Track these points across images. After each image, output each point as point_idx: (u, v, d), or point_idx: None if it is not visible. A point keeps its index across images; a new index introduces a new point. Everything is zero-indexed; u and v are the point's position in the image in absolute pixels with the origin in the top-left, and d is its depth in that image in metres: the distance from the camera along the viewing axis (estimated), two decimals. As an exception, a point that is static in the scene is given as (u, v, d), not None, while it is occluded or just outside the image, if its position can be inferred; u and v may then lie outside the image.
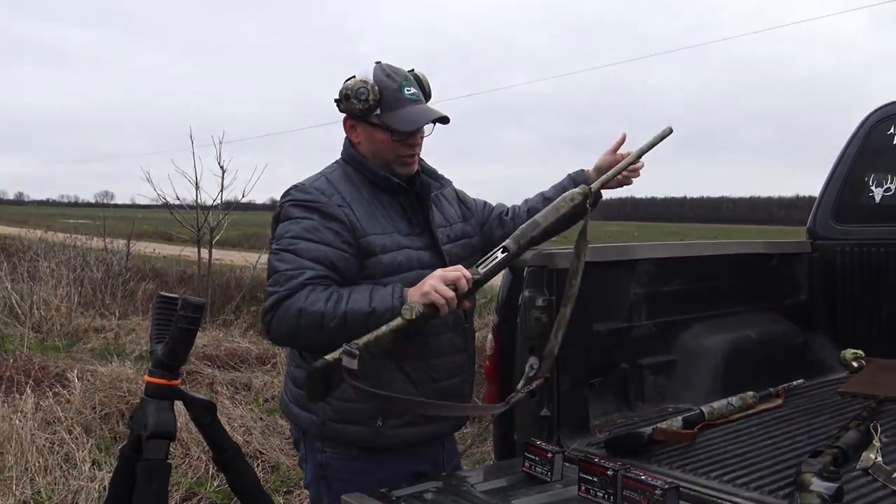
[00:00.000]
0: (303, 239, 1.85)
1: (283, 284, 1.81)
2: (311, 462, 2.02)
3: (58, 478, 3.71)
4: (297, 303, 1.79)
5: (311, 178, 1.99)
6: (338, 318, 1.78)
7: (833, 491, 1.61)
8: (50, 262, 9.57)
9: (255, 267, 10.16)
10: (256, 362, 6.32)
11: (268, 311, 1.82)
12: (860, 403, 2.49)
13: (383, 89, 1.92)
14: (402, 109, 1.93)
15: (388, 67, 1.97)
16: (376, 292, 1.82)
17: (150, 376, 1.67)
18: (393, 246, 1.93)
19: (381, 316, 1.78)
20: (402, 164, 2.00)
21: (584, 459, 1.74)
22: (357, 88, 1.92)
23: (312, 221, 1.87)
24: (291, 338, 1.86)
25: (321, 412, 1.93)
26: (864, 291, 3.17)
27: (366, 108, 1.92)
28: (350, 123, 2.00)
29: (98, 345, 6.94)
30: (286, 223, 1.90)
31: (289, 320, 1.79)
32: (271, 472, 4.04)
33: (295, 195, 1.93)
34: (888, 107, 3.26)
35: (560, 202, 1.98)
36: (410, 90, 1.96)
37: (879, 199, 3.21)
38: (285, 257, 1.84)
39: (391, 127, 1.93)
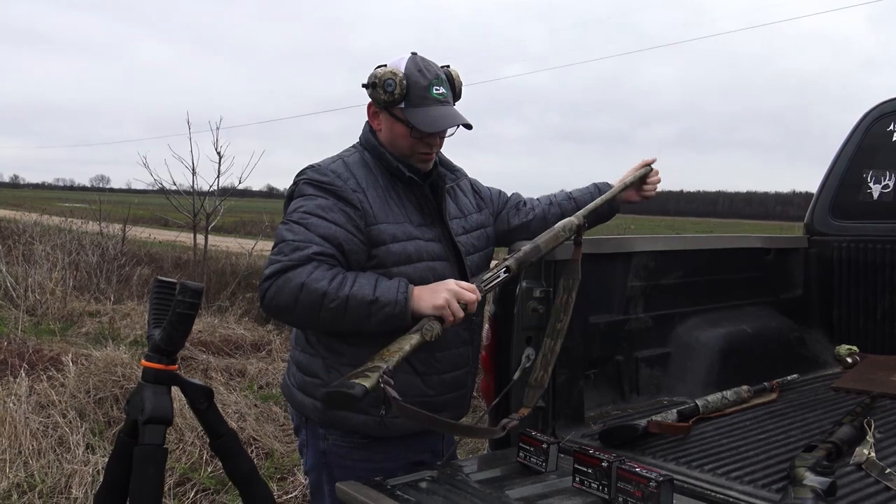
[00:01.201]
0: (314, 215, 1.84)
1: (288, 254, 1.78)
2: (312, 449, 2.01)
3: (51, 461, 3.70)
4: (299, 276, 1.75)
5: (329, 160, 1.97)
6: (339, 301, 1.75)
7: (826, 486, 1.62)
8: (45, 245, 9.54)
9: (251, 254, 10.15)
10: (251, 349, 6.33)
11: (267, 278, 1.78)
12: (854, 399, 2.51)
13: (412, 84, 1.88)
14: (427, 108, 1.89)
15: (423, 62, 1.92)
16: (381, 282, 1.80)
17: (147, 361, 1.67)
18: (403, 236, 1.92)
19: (382, 307, 1.76)
20: (419, 160, 1.98)
21: (579, 451, 1.74)
22: (385, 79, 1.88)
23: (326, 201, 1.86)
24: (285, 311, 1.79)
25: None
26: (859, 287, 3.18)
27: (390, 101, 1.89)
28: (373, 110, 1.98)
29: (93, 329, 6.94)
30: (300, 199, 1.89)
31: (287, 292, 1.75)
32: (265, 459, 4.05)
33: (311, 175, 1.91)
34: (887, 104, 3.26)
35: (560, 231, 2.04)
36: (439, 90, 1.91)
37: (877, 196, 3.22)
38: (294, 228, 1.82)
39: (412, 124, 1.90)
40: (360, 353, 1.87)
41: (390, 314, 1.78)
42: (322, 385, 1.91)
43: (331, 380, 1.89)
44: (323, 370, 1.93)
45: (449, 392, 2.01)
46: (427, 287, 1.83)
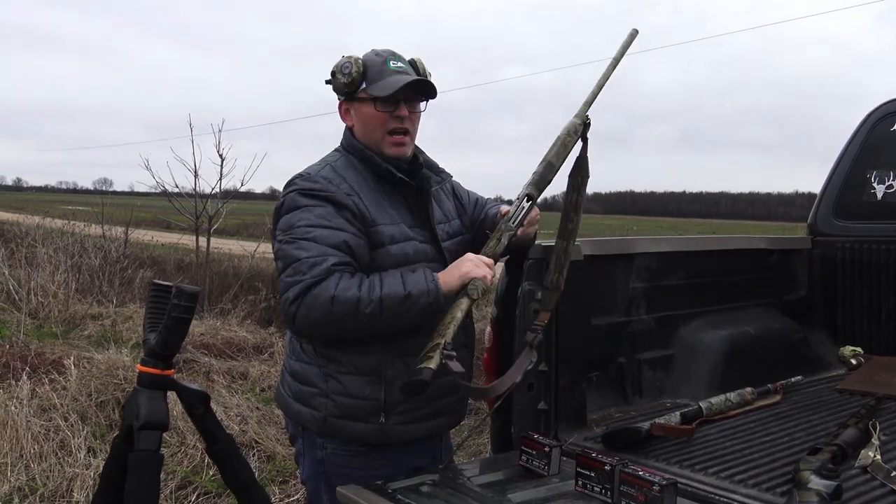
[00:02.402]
0: (318, 227, 1.81)
1: (307, 272, 1.75)
2: (309, 458, 1.98)
3: (53, 465, 3.70)
4: (327, 290, 1.74)
5: (316, 168, 1.95)
6: (374, 304, 1.74)
7: (832, 489, 1.60)
8: (48, 248, 9.54)
9: (254, 256, 10.14)
10: (253, 351, 6.32)
11: (293, 300, 1.75)
12: (859, 401, 2.49)
13: (368, 64, 1.92)
14: (385, 79, 1.90)
15: (380, 49, 1.97)
16: (407, 276, 1.80)
17: (142, 366, 1.65)
18: (401, 237, 1.91)
19: (416, 300, 1.77)
20: (391, 144, 1.94)
21: (582, 454, 1.73)
22: (341, 64, 1.92)
23: (325, 209, 1.83)
24: (321, 326, 1.77)
25: (323, 408, 1.89)
26: (864, 288, 3.16)
27: (350, 83, 1.91)
28: (344, 108, 1.99)
29: (95, 332, 6.93)
30: (296, 212, 1.84)
31: (319, 308, 1.73)
32: (267, 462, 4.04)
33: (301, 184, 1.88)
34: (890, 103, 3.25)
35: (567, 136, 1.95)
36: (397, 64, 1.93)
37: (881, 196, 3.20)
38: (304, 245, 1.79)
39: (375, 95, 1.90)
40: (357, 359, 1.87)
41: (426, 304, 1.79)
42: (319, 394, 1.89)
43: (329, 389, 1.88)
44: (320, 379, 1.91)
45: (447, 396, 1.99)
46: (447, 270, 1.84)
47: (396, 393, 1.85)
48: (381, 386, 1.87)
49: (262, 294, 8.50)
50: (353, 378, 1.87)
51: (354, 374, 1.87)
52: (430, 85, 1.95)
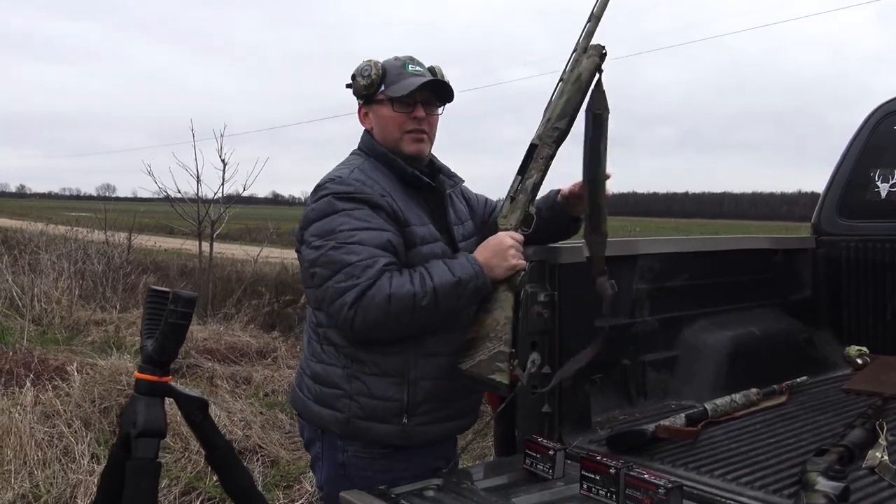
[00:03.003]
0: (362, 229, 1.80)
1: (361, 275, 1.74)
2: (329, 462, 1.95)
3: (57, 471, 3.69)
4: (382, 290, 1.73)
5: (344, 171, 1.92)
6: (429, 295, 1.75)
7: (839, 490, 1.59)
8: (51, 254, 9.56)
9: (256, 260, 10.14)
10: (257, 356, 6.31)
11: (350, 305, 1.74)
12: (865, 401, 2.47)
13: (387, 67, 1.94)
14: (402, 81, 1.92)
15: (400, 55, 1.98)
16: (451, 264, 1.82)
17: (140, 372, 1.64)
18: (430, 238, 1.92)
19: (466, 284, 1.79)
20: (409, 141, 1.95)
21: (586, 457, 1.72)
22: (361, 68, 1.94)
23: (363, 211, 1.82)
24: (379, 327, 1.77)
25: (346, 409, 1.87)
26: (869, 287, 3.14)
27: (369, 85, 1.92)
28: (363, 111, 2.00)
29: (98, 338, 6.94)
30: (334, 217, 1.82)
31: (376, 309, 1.73)
32: (271, 467, 4.03)
33: (335, 188, 1.85)
34: (893, 102, 3.24)
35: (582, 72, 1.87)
36: (415, 67, 1.95)
37: (885, 195, 3.19)
38: (353, 249, 1.77)
39: (393, 95, 1.92)
40: (381, 360, 1.87)
41: (475, 288, 1.81)
42: (343, 395, 1.87)
43: (352, 390, 1.86)
44: (343, 380, 1.88)
45: (466, 397, 1.99)
46: (486, 250, 1.86)
47: (420, 394, 1.87)
48: (405, 387, 1.87)
49: (266, 299, 8.50)
50: (376, 379, 1.86)
51: (378, 374, 1.86)
52: (446, 87, 1.96)
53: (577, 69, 1.89)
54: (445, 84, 1.96)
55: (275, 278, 9.95)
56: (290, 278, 10.07)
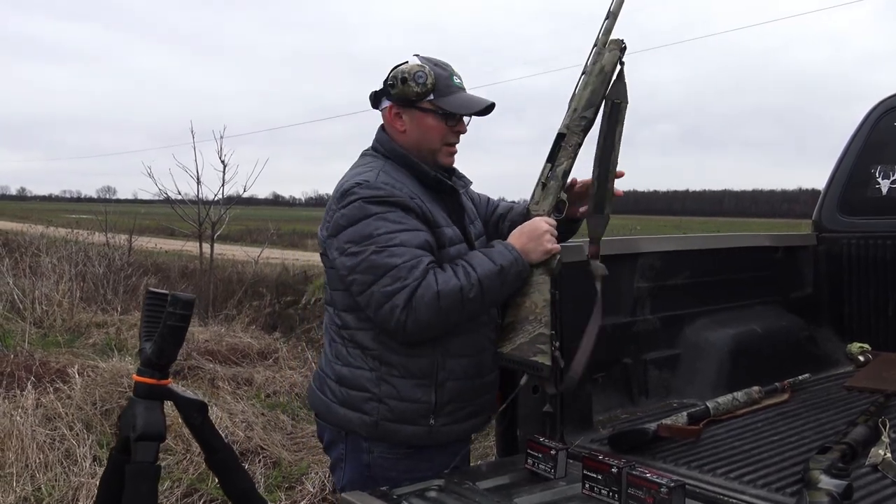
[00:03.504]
0: (400, 231, 1.79)
1: (408, 276, 1.74)
2: (353, 464, 1.94)
3: (58, 474, 3.69)
4: (430, 289, 1.74)
5: (369, 174, 1.88)
6: (475, 287, 1.77)
7: (842, 488, 1.58)
8: (52, 257, 9.55)
9: (257, 261, 10.14)
10: (258, 357, 6.31)
11: (402, 308, 1.74)
12: (867, 398, 2.47)
13: (437, 77, 1.91)
14: (455, 95, 1.92)
15: (433, 59, 1.96)
16: (490, 253, 1.84)
17: (139, 375, 1.63)
18: (456, 239, 1.93)
19: (508, 271, 1.82)
20: (447, 154, 1.97)
21: (588, 456, 1.71)
22: (415, 72, 1.89)
23: (397, 213, 1.82)
24: (430, 326, 1.78)
25: (375, 412, 1.87)
26: (870, 284, 3.14)
27: (422, 92, 1.89)
28: (395, 111, 1.94)
29: (99, 340, 6.94)
30: (368, 221, 1.80)
31: (427, 308, 1.74)
32: (273, 468, 4.02)
33: (365, 193, 1.82)
34: (893, 98, 3.23)
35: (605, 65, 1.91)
36: (458, 79, 1.96)
37: (886, 191, 3.18)
38: (395, 251, 1.76)
39: (446, 110, 1.91)
40: (410, 362, 1.87)
41: (517, 273, 1.84)
42: (372, 398, 1.87)
43: (381, 393, 1.86)
44: (372, 383, 1.88)
45: (488, 393, 2.02)
46: (521, 235, 1.89)
47: (446, 395, 1.89)
48: (433, 388, 1.87)
49: (267, 300, 8.50)
50: (405, 381, 1.86)
51: (407, 377, 1.86)
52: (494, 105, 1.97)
53: (600, 62, 1.93)
54: (493, 106, 1.97)
55: (276, 279, 9.96)
56: (291, 279, 10.08)
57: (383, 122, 1.99)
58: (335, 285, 1.92)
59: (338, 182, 1.93)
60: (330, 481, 3.74)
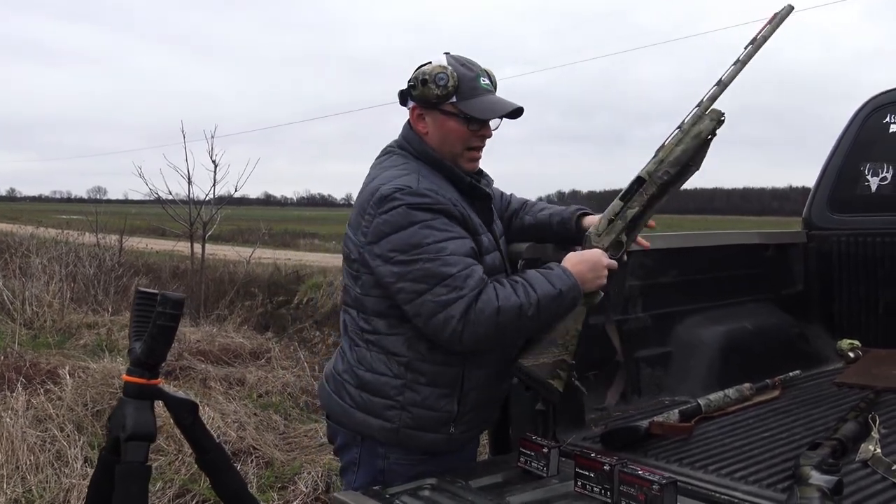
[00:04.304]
0: (449, 239, 1.75)
1: (464, 286, 1.71)
2: (367, 468, 1.91)
3: (49, 476, 3.67)
4: (490, 303, 1.71)
5: (408, 178, 1.81)
6: (534, 307, 1.75)
7: (832, 484, 1.59)
8: (42, 258, 9.50)
9: (249, 261, 10.11)
10: (250, 357, 6.30)
11: (459, 318, 1.70)
12: (858, 394, 2.48)
13: (461, 77, 1.86)
14: (479, 98, 1.87)
15: (462, 58, 1.91)
16: (550, 275, 1.81)
17: (128, 375, 1.62)
18: (491, 247, 1.91)
19: (566, 296, 1.80)
20: (470, 158, 1.93)
21: (580, 454, 1.71)
22: (436, 73, 1.84)
23: (442, 220, 1.77)
24: (488, 339, 1.76)
25: (396, 420, 1.85)
26: (860, 281, 3.16)
27: (443, 95, 1.84)
28: (418, 112, 1.90)
29: (90, 341, 6.91)
30: (414, 229, 1.74)
31: (486, 322, 1.71)
32: (266, 468, 4.01)
33: (409, 199, 1.76)
34: (883, 96, 3.25)
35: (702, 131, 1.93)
36: (485, 81, 1.90)
37: (875, 189, 3.20)
38: (448, 260, 1.72)
39: (468, 114, 1.86)
40: (440, 371, 1.85)
41: (574, 299, 1.82)
42: (394, 406, 1.84)
43: (405, 400, 1.84)
44: (396, 390, 1.85)
45: (502, 399, 2.04)
46: (581, 263, 1.87)
47: (468, 404, 1.88)
48: (456, 398, 1.86)
49: (259, 300, 8.49)
50: (431, 390, 1.84)
51: (433, 385, 1.84)
52: (522, 109, 1.92)
53: (699, 126, 1.94)
54: (521, 110, 1.91)
55: (268, 279, 9.94)
56: (283, 279, 10.06)
57: (409, 121, 1.95)
58: (367, 290, 1.85)
59: (369, 182, 1.87)
60: (323, 481, 3.73)
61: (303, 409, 5.08)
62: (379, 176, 1.86)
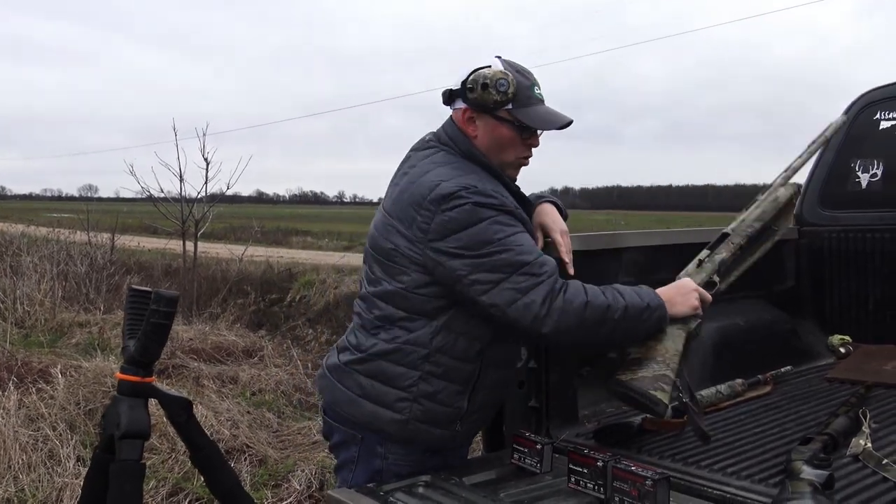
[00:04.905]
0: (518, 233, 1.76)
1: (541, 273, 1.71)
2: (365, 467, 1.89)
3: (42, 475, 3.65)
4: (578, 295, 1.72)
5: (470, 179, 1.79)
6: (620, 311, 1.75)
7: (824, 478, 1.60)
8: (33, 256, 9.47)
9: (241, 259, 10.09)
10: (243, 355, 6.28)
11: (542, 302, 1.69)
12: (849, 389, 2.50)
13: (518, 86, 1.85)
14: (535, 107, 1.87)
15: (517, 64, 1.90)
16: (638, 290, 1.82)
17: (122, 373, 1.62)
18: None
19: (654, 311, 1.80)
20: (517, 166, 1.94)
21: (574, 450, 1.72)
22: (498, 79, 1.81)
23: (507, 216, 1.78)
24: (569, 333, 1.74)
25: (407, 412, 1.82)
26: (851, 277, 3.17)
27: (502, 101, 1.83)
28: (469, 115, 1.88)
29: (82, 339, 6.88)
30: (484, 225, 1.73)
31: (572, 312, 1.71)
32: (259, 466, 4.01)
33: (477, 199, 1.75)
34: (873, 92, 3.26)
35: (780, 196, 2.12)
36: (539, 90, 1.89)
37: (866, 185, 3.21)
38: (522, 249, 1.73)
39: (523, 123, 1.85)
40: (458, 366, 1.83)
41: (659, 317, 1.81)
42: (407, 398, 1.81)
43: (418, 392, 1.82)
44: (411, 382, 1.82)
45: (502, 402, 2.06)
46: (669, 289, 1.88)
47: (476, 403, 1.88)
48: (467, 395, 1.86)
49: (251, 297, 8.47)
50: (446, 384, 1.83)
51: (447, 380, 1.83)
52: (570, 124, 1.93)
53: (776, 193, 2.13)
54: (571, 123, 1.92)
55: (260, 277, 9.92)
56: (276, 277, 10.05)
57: (455, 121, 1.92)
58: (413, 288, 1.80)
59: (421, 176, 1.83)
60: (317, 479, 3.73)
61: (296, 407, 5.08)
62: (431, 171, 1.83)
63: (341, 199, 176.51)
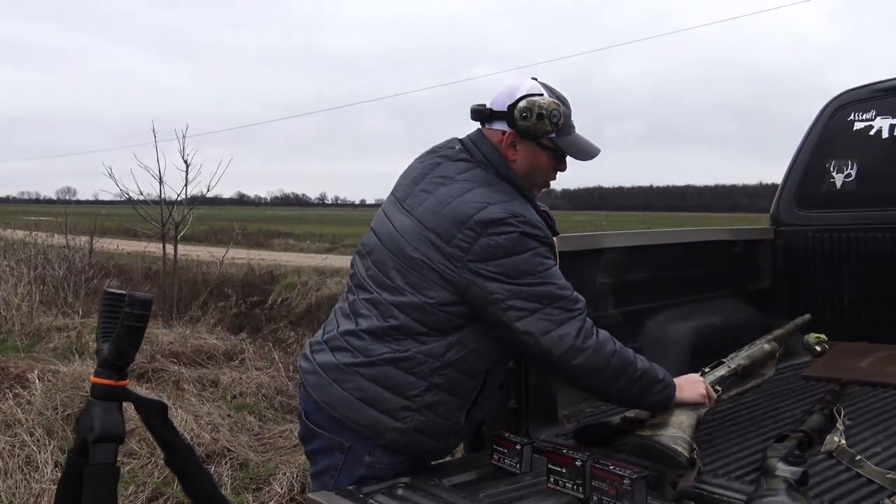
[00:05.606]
0: (555, 266, 1.82)
1: (574, 309, 1.78)
2: (348, 474, 1.84)
3: (19, 481, 3.61)
4: (608, 342, 1.79)
5: (518, 207, 1.79)
6: (640, 372, 1.82)
7: (798, 475, 1.62)
8: (9, 260, 9.34)
9: (222, 262, 10.02)
10: (224, 358, 6.24)
11: (574, 335, 1.76)
12: (824, 387, 2.53)
13: (565, 115, 1.87)
14: (572, 136, 1.90)
15: (554, 88, 1.89)
16: (654, 365, 1.88)
17: (96, 377, 1.60)
18: None
19: (665, 388, 1.87)
20: (540, 187, 1.97)
21: (553, 451, 1.73)
22: (552, 110, 1.81)
23: (546, 249, 1.81)
24: (593, 372, 1.79)
25: (408, 421, 1.79)
26: (826, 276, 3.21)
27: (550, 131, 1.84)
28: (512, 140, 1.87)
29: (60, 344, 6.79)
30: (528, 256, 1.76)
31: (604, 356, 1.78)
32: (240, 470, 3.99)
33: (525, 228, 1.76)
34: (847, 94, 3.30)
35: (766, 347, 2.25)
36: (574, 118, 1.92)
37: (840, 185, 3.26)
38: (559, 283, 1.79)
39: (563, 151, 1.89)
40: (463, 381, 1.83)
41: (667, 396, 1.88)
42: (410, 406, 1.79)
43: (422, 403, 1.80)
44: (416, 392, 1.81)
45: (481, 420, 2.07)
46: (679, 378, 1.95)
47: (473, 419, 1.91)
48: (465, 410, 1.86)
49: (232, 300, 8.42)
50: (450, 398, 1.82)
51: (450, 394, 1.82)
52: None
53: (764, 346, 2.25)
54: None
55: (241, 279, 9.86)
56: (257, 279, 9.99)
57: (491, 141, 1.89)
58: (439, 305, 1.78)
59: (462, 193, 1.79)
60: (298, 481, 3.72)
61: (277, 410, 5.05)
62: (474, 190, 1.80)
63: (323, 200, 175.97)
